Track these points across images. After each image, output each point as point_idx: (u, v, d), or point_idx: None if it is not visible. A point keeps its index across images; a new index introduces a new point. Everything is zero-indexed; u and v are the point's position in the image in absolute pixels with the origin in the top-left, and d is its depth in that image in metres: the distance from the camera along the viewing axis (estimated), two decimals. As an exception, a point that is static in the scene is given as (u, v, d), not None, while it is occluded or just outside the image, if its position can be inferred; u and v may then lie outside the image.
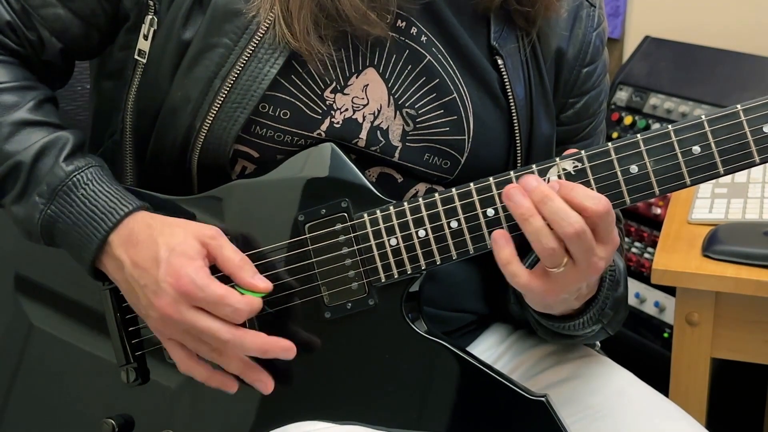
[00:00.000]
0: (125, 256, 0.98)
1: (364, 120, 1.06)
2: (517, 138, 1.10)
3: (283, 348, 0.97)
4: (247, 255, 1.00)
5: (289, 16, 1.01)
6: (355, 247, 1.01)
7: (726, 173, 0.95)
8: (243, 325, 0.97)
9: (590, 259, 0.93)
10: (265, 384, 1.00)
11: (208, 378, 1.00)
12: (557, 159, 0.97)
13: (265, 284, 0.97)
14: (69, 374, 1.10)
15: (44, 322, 1.10)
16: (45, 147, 1.02)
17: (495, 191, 0.98)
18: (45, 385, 1.11)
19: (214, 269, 0.98)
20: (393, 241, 1.00)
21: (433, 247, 1.00)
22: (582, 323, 1.05)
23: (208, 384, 1.00)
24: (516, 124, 1.10)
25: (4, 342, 1.12)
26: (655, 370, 1.47)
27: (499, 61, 1.09)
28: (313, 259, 1.02)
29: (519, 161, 1.11)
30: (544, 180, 0.96)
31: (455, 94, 1.08)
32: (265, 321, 1.01)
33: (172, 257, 0.95)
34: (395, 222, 1.00)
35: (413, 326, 1.02)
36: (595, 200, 0.92)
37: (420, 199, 1.00)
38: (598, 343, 1.21)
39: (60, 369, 1.10)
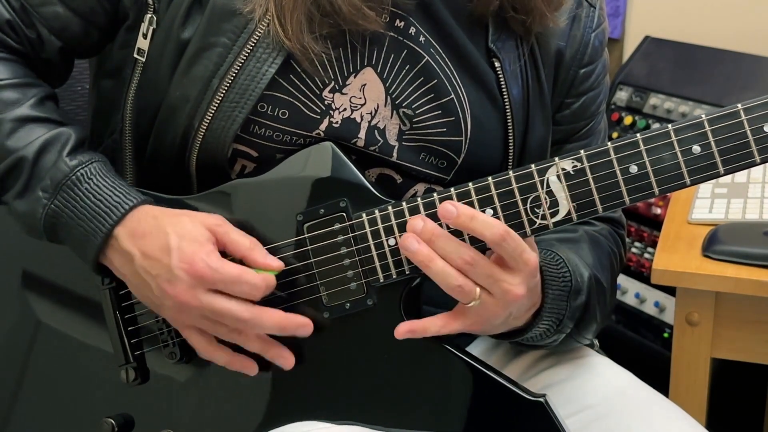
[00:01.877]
0: (134, 248, 0.98)
1: (362, 120, 1.06)
2: (511, 139, 1.10)
3: (299, 324, 0.98)
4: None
5: (283, 16, 1.01)
6: (354, 247, 1.01)
7: (726, 173, 0.95)
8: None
9: (500, 285, 0.95)
10: (286, 359, 1.01)
11: (229, 361, 1.00)
12: (556, 159, 0.97)
13: (277, 263, 0.98)
14: (73, 371, 1.10)
15: (51, 318, 1.10)
16: (48, 142, 1.02)
17: (494, 191, 0.98)
18: (49, 382, 1.11)
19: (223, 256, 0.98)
20: (391, 242, 1.00)
21: (432, 247, 0.99)
22: (538, 336, 1.06)
23: (229, 367, 1.01)
24: (510, 126, 1.10)
25: (12, 338, 1.12)
26: (655, 370, 1.47)
27: (496, 63, 1.09)
28: (312, 260, 1.02)
29: (512, 162, 1.11)
30: (543, 180, 0.96)
31: (453, 95, 1.07)
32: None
33: (183, 244, 0.96)
34: (394, 222, 1.00)
35: (412, 326, 1.02)
36: (492, 228, 0.94)
37: (418, 199, 0.99)
38: (597, 342, 1.21)
39: (64, 365, 1.10)
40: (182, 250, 0.96)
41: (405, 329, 0.98)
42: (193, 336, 1.00)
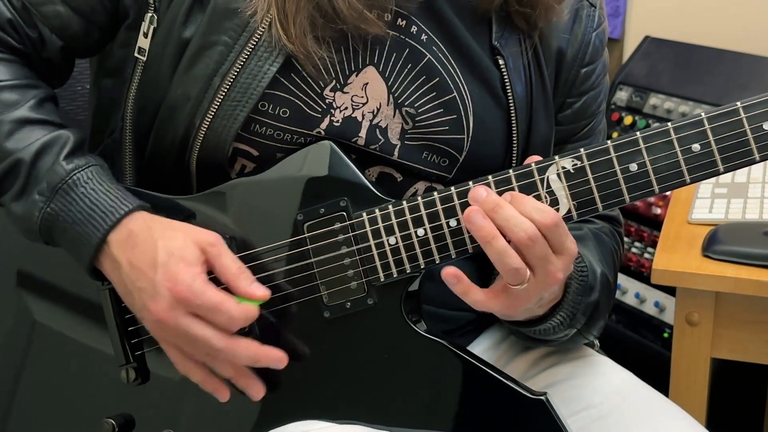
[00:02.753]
0: (123, 257, 0.98)
1: (363, 118, 1.06)
2: (515, 137, 1.10)
3: (274, 359, 0.98)
4: (245, 254, 1.00)
5: (285, 20, 1.00)
6: (354, 247, 1.01)
7: (726, 171, 0.95)
8: (242, 330, 0.97)
9: (547, 267, 0.95)
10: (256, 392, 1.00)
11: (203, 381, 1.00)
12: (556, 157, 0.97)
13: (262, 292, 0.96)
14: (71, 371, 1.10)
15: (47, 318, 1.10)
16: (45, 145, 1.01)
17: (494, 190, 0.98)
18: (48, 382, 1.11)
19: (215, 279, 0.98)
20: (392, 241, 1.00)
21: (432, 246, 1.00)
22: (551, 328, 1.05)
23: (202, 386, 1.00)
24: (514, 124, 1.10)
25: (8, 338, 1.12)
26: (655, 370, 1.47)
27: (500, 61, 1.09)
28: (312, 259, 1.02)
29: (515, 161, 1.11)
30: (543, 178, 0.96)
31: (455, 93, 1.07)
32: (265, 321, 1.01)
33: (170, 261, 0.95)
34: (394, 221, 1.00)
35: (413, 325, 1.02)
36: (543, 213, 0.94)
37: (419, 198, 0.99)
38: (597, 342, 1.21)
39: (63, 365, 1.10)
40: (168, 267, 0.95)
41: (452, 272, 0.96)
42: (170, 350, 1.00)
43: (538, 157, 0.99)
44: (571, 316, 1.05)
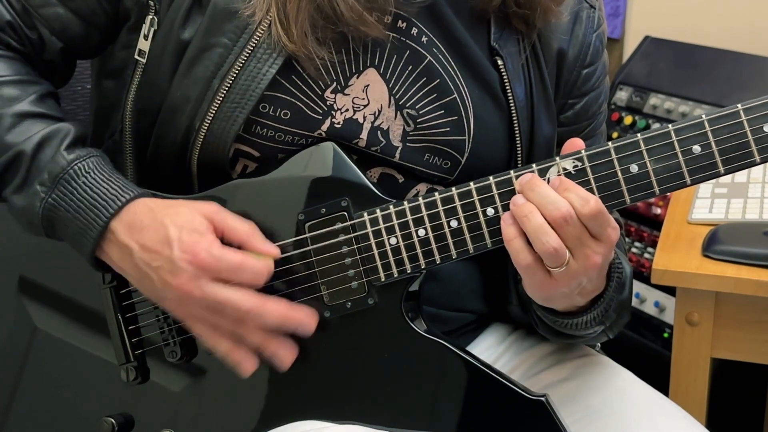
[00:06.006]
0: (132, 242, 0.98)
1: (364, 120, 1.06)
2: (518, 138, 1.10)
3: (301, 320, 0.98)
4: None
5: (286, 20, 1.01)
6: (355, 247, 1.01)
7: (726, 173, 0.95)
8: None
9: (584, 250, 0.95)
10: (284, 357, 1.00)
11: (230, 351, 0.99)
12: (557, 158, 0.97)
13: (275, 250, 0.99)
14: (72, 376, 1.10)
15: (48, 325, 1.10)
16: (47, 137, 1.02)
17: (495, 191, 0.98)
18: (48, 387, 1.11)
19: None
20: (393, 241, 1.00)
21: (433, 246, 1.00)
22: (585, 322, 1.05)
23: (229, 358, 1.00)
24: (516, 125, 1.10)
25: (9, 344, 1.12)
26: (655, 370, 1.47)
27: (499, 62, 1.09)
28: (313, 259, 1.02)
29: (520, 161, 1.11)
30: (544, 179, 0.97)
31: (456, 95, 1.07)
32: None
33: (183, 235, 0.96)
34: (395, 221, 1.00)
35: (413, 325, 1.02)
36: (583, 201, 0.94)
37: (420, 198, 1.00)
38: (598, 343, 1.21)
39: (63, 371, 1.10)
40: (183, 240, 0.96)
41: (510, 214, 0.96)
42: (195, 325, 1.00)
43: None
44: (604, 312, 1.05)
